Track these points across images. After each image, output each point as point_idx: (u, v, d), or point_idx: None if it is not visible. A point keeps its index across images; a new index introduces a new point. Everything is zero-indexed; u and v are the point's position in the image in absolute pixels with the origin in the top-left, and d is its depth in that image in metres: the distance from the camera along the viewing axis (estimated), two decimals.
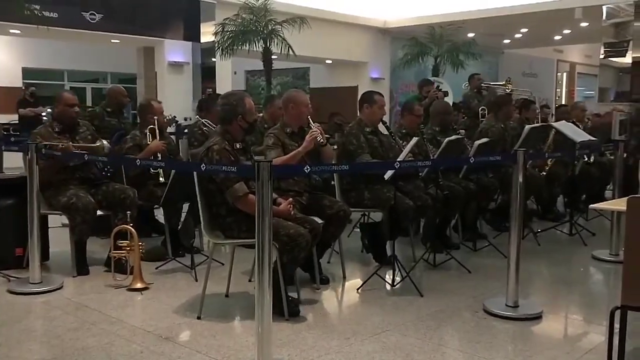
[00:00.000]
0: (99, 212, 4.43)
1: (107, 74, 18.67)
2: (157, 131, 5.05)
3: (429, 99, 7.02)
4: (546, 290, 4.42)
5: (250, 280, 4.19)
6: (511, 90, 8.63)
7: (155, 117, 5.08)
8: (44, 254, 4.50)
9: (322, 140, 4.09)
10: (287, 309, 3.47)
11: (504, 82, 8.60)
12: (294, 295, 3.72)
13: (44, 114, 12.17)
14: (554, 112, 9.05)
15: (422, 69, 15.74)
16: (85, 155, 4.23)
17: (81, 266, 4.41)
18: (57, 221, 5.15)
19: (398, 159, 4.24)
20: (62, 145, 4.37)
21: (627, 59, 13.30)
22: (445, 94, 7.74)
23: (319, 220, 3.89)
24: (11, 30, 12.04)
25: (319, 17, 14.02)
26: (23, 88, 13.47)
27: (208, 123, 5.59)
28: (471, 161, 4.32)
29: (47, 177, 4.27)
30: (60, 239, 4.77)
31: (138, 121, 5.37)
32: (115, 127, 5.71)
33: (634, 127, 5.10)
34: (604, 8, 13.41)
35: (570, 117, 7.21)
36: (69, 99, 4.63)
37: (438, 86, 7.84)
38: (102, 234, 4.90)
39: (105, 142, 4.72)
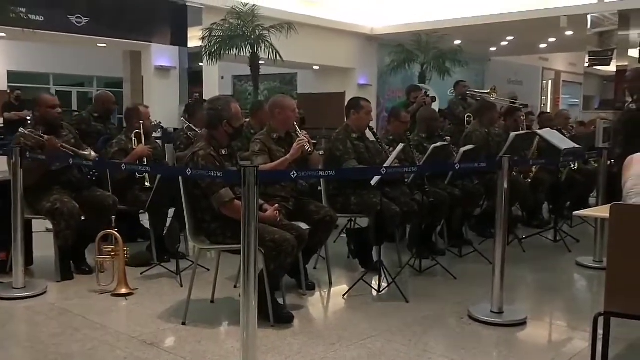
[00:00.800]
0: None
1: (93, 78, 18.60)
2: (142, 136, 5.03)
3: (417, 105, 7.04)
4: (531, 297, 4.44)
5: (235, 286, 4.17)
6: (514, 99, 8.80)
7: (142, 122, 5.05)
8: (28, 259, 4.45)
9: (309, 149, 4.08)
10: (273, 315, 3.46)
11: (489, 91, 8.65)
12: (280, 301, 3.71)
13: (29, 117, 12.09)
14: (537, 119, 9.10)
15: (408, 76, 15.84)
16: (71, 159, 4.21)
17: (65, 271, 4.37)
18: (41, 226, 5.11)
19: (385, 165, 4.25)
20: (47, 138, 4.33)
21: (612, 68, 13.50)
22: (433, 99, 7.73)
23: (305, 226, 3.89)
24: None
25: (307, 23, 14.07)
26: (8, 91, 13.39)
27: (193, 128, 5.58)
28: (457, 167, 4.34)
29: (33, 179, 4.24)
30: (44, 244, 4.73)
31: (124, 125, 5.35)
32: (101, 132, 5.68)
33: (618, 135, 5.14)
34: (589, 17, 13.60)
35: (554, 124, 7.27)
36: (49, 100, 4.58)
37: (426, 92, 7.86)
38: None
39: (93, 153, 4.67)
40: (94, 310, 3.74)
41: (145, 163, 4.88)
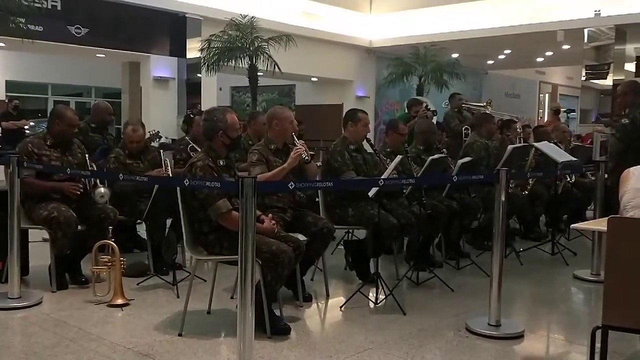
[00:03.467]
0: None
1: (91, 88, 18.61)
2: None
3: (418, 118, 7.03)
4: (528, 310, 4.43)
5: (232, 297, 4.16)
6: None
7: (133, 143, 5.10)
8: (24, 269, 4.43)
9: (306, 158, 4.09)
10: (269, 326, 3.44)
11: (484, 104, 8.68)
12: (277, 312, 3.69)
13: (26, 127, 12.07)
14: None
15: (406, 88, 15.88)
16: (68, 170, 4.20)
17: (61, 281, 4.34)
18: (37, 236, 5.08)
19: (382, 177, 4.25)
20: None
21: (608, 81, 13.56)
22: (434, 113, 7.69)
23: (302, 238, 3.88)
24: None
25: (305, 35, 14.12)
26: (6, 101, 13.35)
27: (196, 148, 5.54)
28: (454, 180, 4.35)
29: (29, 191, 4.24)
30: (40, 254, 4.71)
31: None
32: (99, 143, 5.67)
33: (613, 149, 5.17)
34: (586, 31, 13.67)
35: (551, 137, 7.29)
36: (72, 120, 4.55)
37: (427, 105, 7.85)
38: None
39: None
40: (90, 321, 3.72)
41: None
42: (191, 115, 6.38)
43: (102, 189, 4.37)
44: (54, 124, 4.54)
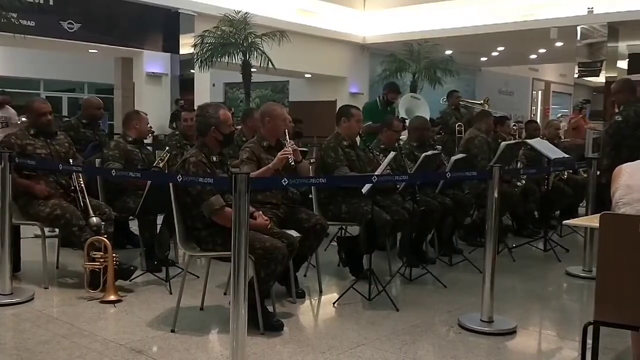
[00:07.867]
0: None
1: (84, 84, 18.52)
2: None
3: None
4: (520, 306, 4.44)
5: (225, 294, 4.16)
6: None
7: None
8: (15, 265, 4.41)
9: (292, 163, 4.03)
10: (262, 323, 3.44)
11: (481, 102, 8.71)
12: (270, 308, 3.69)
13: (18, 122, 12.00)
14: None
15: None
16: (60, 165, 4.18)
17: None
18: (29, 232, 5.06)
19: (376, 173, 4.25)
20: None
21: (601, 79, 13.63)
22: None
23: (296, 234, 3.88)
24: None
25: (299, 31, 14.11)
26: None
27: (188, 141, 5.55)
28: (448, 176, 4.36)
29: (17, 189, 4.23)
30: (31, 250, 4.69)
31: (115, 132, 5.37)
32: (90, 138, 5.64)
33: (606, 146, 5.20)
34: (579, 29, 13.72)
35: (544, 134, 7.32)
36: (39, 108, 4.55)
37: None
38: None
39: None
40: (82, 318, 3.70)
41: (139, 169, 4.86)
42: (178, 110, 6.39)
43: (94, 219, 4.31)
44: (29, 117, 4.65)
